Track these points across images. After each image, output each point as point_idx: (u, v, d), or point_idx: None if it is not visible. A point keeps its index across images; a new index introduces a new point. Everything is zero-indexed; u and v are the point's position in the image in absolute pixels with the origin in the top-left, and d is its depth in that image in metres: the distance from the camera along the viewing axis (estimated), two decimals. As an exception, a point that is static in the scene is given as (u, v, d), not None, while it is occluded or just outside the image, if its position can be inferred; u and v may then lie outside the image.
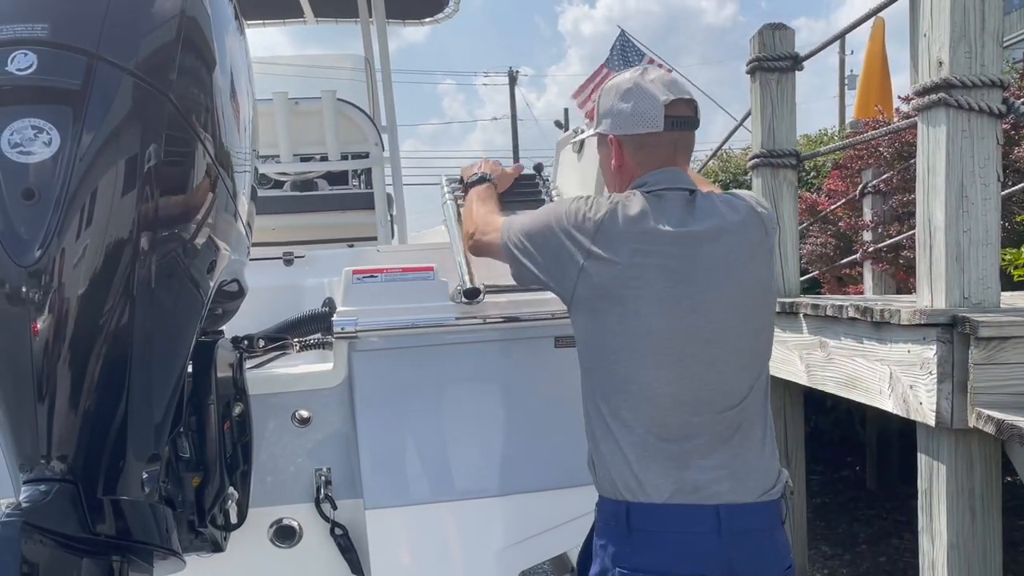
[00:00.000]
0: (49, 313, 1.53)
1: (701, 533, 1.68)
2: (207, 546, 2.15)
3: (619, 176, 1.91)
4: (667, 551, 1.68)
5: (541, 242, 1.84)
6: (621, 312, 1.72)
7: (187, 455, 2.04)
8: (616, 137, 1.86)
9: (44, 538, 1.40)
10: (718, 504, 1.68)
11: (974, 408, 2.35)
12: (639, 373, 1.72)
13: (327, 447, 2.33)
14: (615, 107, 1.85)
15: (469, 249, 2.18)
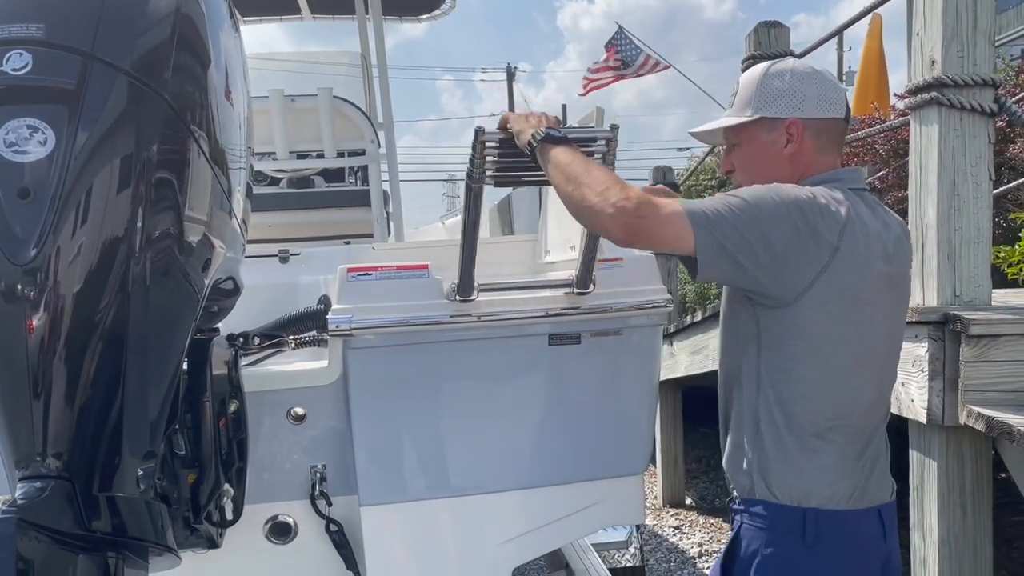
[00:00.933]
0: (44, 311, 1.54)
1: (872, 537, 1.66)
2: (203, 542, 2.16)
3: (790, 166, 1.72)
4: (847, 558, 1.63)
5: (771, 235, 1.55)
6: (857, 318, 1.62)
7: (183, 452, 2.05)
8: (801, 120, 1.70)
9: (40, 535, 1.41)
10: (879, 505, 1.68)
11: (965, 405, 2.37)
12: (859, 381, 1.67)
13: (322, 444, 2.34)
14: (795, 88, 1.70)
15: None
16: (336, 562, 2.36)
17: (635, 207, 1.55)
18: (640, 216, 1.54)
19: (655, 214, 1.54)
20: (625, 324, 2.45)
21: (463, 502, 2.34)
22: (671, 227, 1.55)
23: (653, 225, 1.55)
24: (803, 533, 1.59)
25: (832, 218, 1.57)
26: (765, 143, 1.73)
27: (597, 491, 2.41)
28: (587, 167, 1.66)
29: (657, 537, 5.27)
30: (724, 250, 1.55)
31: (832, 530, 1.60)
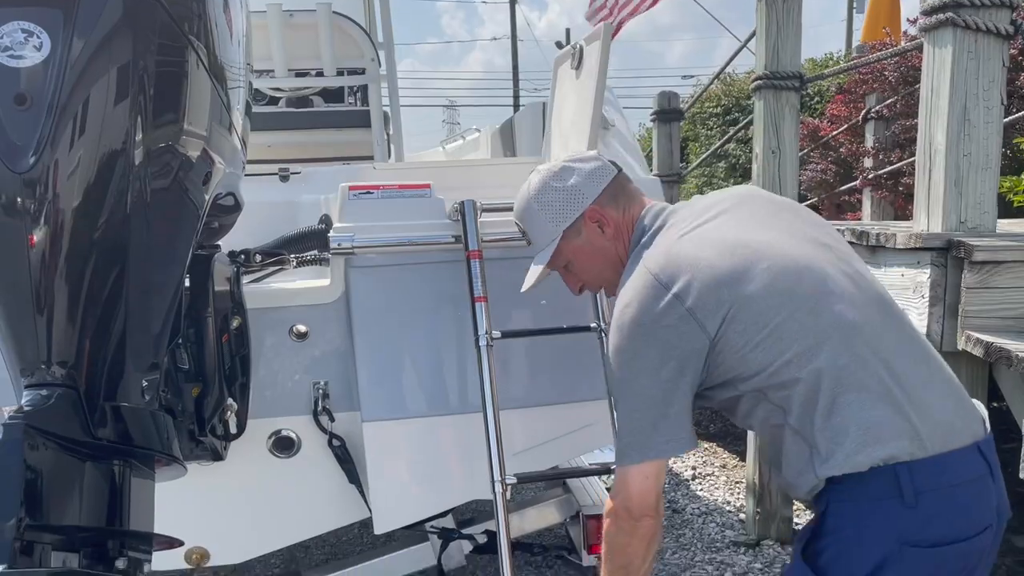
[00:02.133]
0: (45, 224, 1.53)
1: (979, 476, 1.46)
2: (207, 455, 2.20)
3: (615, 241, 1.75)
4: (956, 507, 1.43)
5: (673, 400, 1.55)
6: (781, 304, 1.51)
7: (186, 366, 2.07)
8: (592, 207, 1.74)
9: (47, 441, 1.43)
10: (977, 440, 1.48)
11: (964, 331, 2.38)
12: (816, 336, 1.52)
13: (324, 361, 2.36)
14: (565, 188, 1.75)
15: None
16: (339, 476, 2.41)
17: (627, 524, 1.64)
18: (630, 522, 1.63)
19: (630, 510, 1.62)
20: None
21: (463, 420, 2.37)
22: (633, 491, 1.60)
23: (631, 506, 1.61)
24: (900, 493, 1.41)
25: (671, 314, 1.52)
26: (585, 244, 1.78)
27: (595, 411, 2.44)
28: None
29: (652, 460, 5.38)
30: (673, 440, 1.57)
31: (931, 482, 1.41)
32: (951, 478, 1.43)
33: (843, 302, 1.51)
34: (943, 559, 1.43)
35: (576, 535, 2.98)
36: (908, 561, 1.42)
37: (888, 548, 1.42)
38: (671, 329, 1.51)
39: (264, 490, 2.43)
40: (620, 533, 1.63)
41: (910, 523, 1.42)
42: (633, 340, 1.55)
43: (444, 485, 2.43)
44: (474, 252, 2.21)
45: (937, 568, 1.44)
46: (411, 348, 2.33)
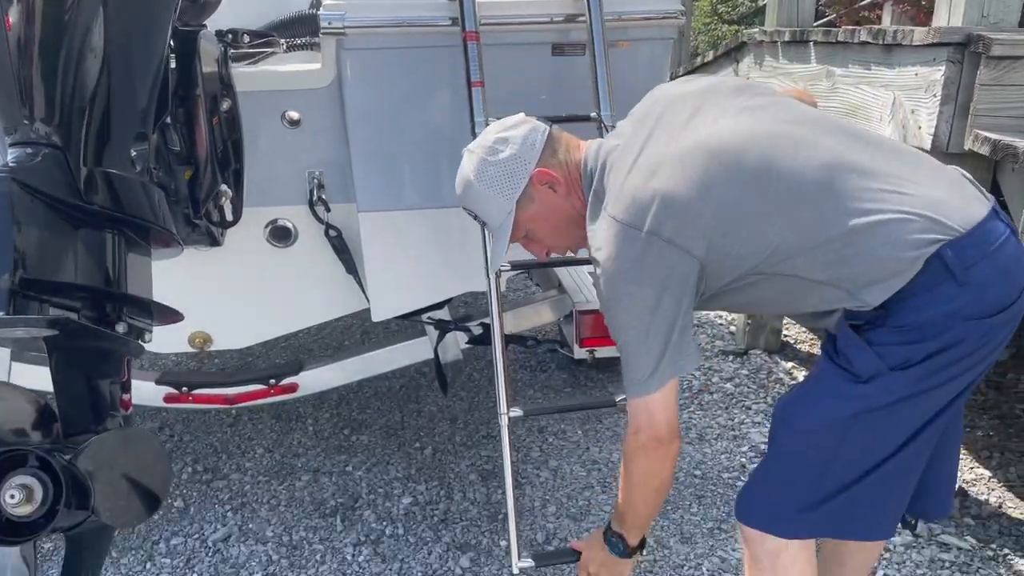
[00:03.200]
0: (18, 3, 1.46)
1: (1007, 237, 1.47)
2: (204, 239, 2.21)
3: (567, 195, 1.71)
4: (1002, 272, 1.45)
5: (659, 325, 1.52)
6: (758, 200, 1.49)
7: (177, 148, 2.03)
8: (535, 168, 1.69)
9: (35, 198, 1.42)
10: (992, 206, 1.49)
11: (972, 130, 2.32)
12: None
13: (319, 150, 2.32)
14: (502, 161, 1.71)
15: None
16: (336, 267, 2.43)
17: (652, 446, 1.62)
18: (656, 444, 1.61)
19: (653, 434, 1.60)
20: (633, 35, 2.33)
21: (459, 212, 2.35)
22: (655, 414, 1.59)
23: (657, 433, 1.60)
24: (951, 273, 1.41)
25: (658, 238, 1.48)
26: (540, 209, 1.73)
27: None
28: (629, 501, 1.74)
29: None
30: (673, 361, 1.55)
31: (975, 253, 1.42)
32: (988, 246, 1.44)
33: (808, 149, 1.48)
34: (997, 325, 1.46)
35: (569, 331, 3.05)
36: (972, 335, 1.45)
37: (954, 328, 1.43)
38: (657, 264, 1.50)
39: (263, 278, 2.46)
40: (654, 462, 1.63)
41: (968, 300, 1.43)
42: (624, 285, 1.53)
43: (440, 276, 2.45)
44: (471, 34, 2.11)
45: (992, 334, 1.47)
46: (407, 136, 2.28)
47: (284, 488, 2.97)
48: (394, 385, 3.78)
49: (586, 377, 3.88)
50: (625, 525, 1.77)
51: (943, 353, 1.45)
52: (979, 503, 2.81)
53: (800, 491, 1.59)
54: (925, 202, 1.44)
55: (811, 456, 1.57)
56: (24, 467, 1.32)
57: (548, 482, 2.99)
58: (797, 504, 1.59)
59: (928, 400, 1.51)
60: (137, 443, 1.47)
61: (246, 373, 2.75)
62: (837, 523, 1.60)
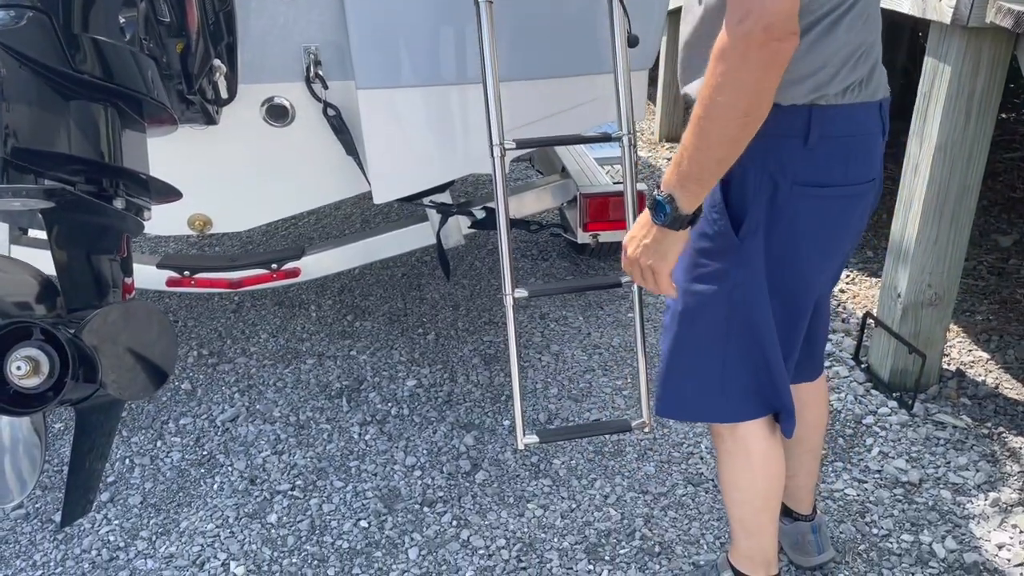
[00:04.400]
0: None
1: (874, 131, 1.49)
2: (200, 117, 2.15)
3: None
4: (852, 153, 1.47)
5: None
6: None
7: (167, 19, 1.94)
8: None
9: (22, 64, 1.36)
10: (881, 99, 1.49)
11: (995, 2, 2.23)
12: None
13: (315, 24, 2.22)
14: None
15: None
16: (336, 147, 2.37)
17: (759, 40, 1.21)
18: (764, 39, 1.20)
19: (764, 21, 1.20)
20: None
21: (462, 90, 2.29)
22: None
23: (773, 22, 1.20)
24: (805, 135, 1.41)
25: None
26: None
27: (598, 85, 2.36)
28: (699, 130, 1.29)
29: (651, 168, 5.37)
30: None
31: (836, 128, 1.43)
32: (852, 129, 1.45)
33: None
34: (828, 198, 1.48)
35: (572, 216, 3.02)
36: (797, 198, 1.46)
37: (782, 186, 1.45)
38: None
39: (261, 159, 2.40)
40: (756, 62, 1.22)
41: (804, 165, 1.44)
42: None
43: (442, 156, 2.40)
44: None
45: (822, 205, 1.48)
46: (406, 8, 2.18)
47: (290, 371, 3.01)
48: (396, 273, 3.78)
49: (587, 265, 3.88)
50: (682, 172, 1.33)
51: (773, 204, 1.49)
52: (975, 384, 2.85)
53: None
54: (876, 53, 1.50)
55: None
56: (29, 340, 1.31)
57: (550, 366, 3.02)
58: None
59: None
60: (140, 316, 1.46)
61: (248, 257, 2.73)
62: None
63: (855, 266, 3.81)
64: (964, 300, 3.40)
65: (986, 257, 3.77)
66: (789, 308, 1.60)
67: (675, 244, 1.42)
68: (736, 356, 1.61)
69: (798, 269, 1.56)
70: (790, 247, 1.52)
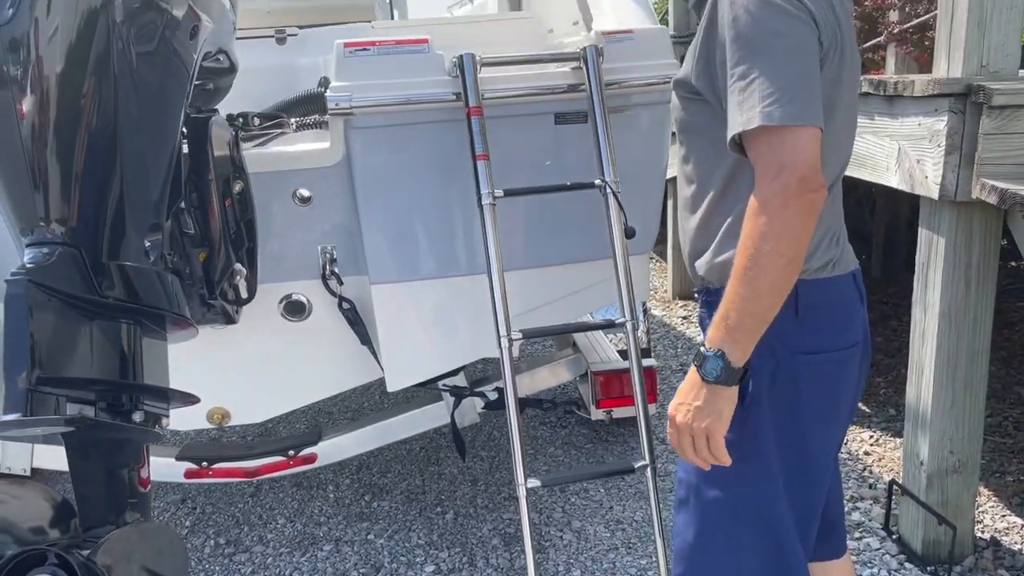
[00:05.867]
0: (32, 95, 1.51)
1: (853, 300, 1.58)
2: (220, 318, 2.24)
3: None
4: (835, 324, 1.54)
5: (805, 68, 1.36)
6: (845, 74, 1.47)
7: (191, 231, 2.07)
8: None
9: (52, 297, 1.45)
10: (853, 270, 1.59)
11: (979, 179, 2.32)
12: (846, 135, 1.57)
13: (330, 225, 2.36)
14: None
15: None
16: (351, 338, 2.45)
17: (796, 191, 1.31)
18: (800, 190, 1.31)
19: (799, 173, 1.31)
20: (634, 101, 2.37)
21: (470, 280, 2.39)
22: (802, 152, 1.32)
23: (806, 174, 1.31)
24: (795, 307, 1.46)
25: (805, 5, 1.37)
26: None
27: (603, 270, 2.44)
28: (746, 283, 1.36)
29: (665, 327, 5.43)
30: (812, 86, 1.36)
31: (821, 299, 1.51)
32: (834, 299, 1.54)
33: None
34: (823, 363, 1.54)
35: (585, 392, 3.05)
36: (795, 366, 1.51)
37: (781, 356, 1.50)
38: (800, 14, 1.36)
39: (279, 352, 2.48)
40: (796, 213, 1.30)
41: (797, 334, 1.50)
42: (768, 5, 1.35)
43: (453, 344, 2.47)
44: (474, 109, 2.15)
45: (818, 371, 1.54)
46: (415, 209, 2.32)
47: (306, 560, 2.96)
48: (414, 447, 3.77)
49: (607, 432, 3.85)
50: (730, 326, 1.36)
51: (776, 376, 1.53)
52: (1012, 553, 2.74)
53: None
54: (841, 231, 1.61)
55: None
56: (43, 566, 1.33)
57: (572, 544, 2.95)
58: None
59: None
60: (154, 536, 1.48)
61: (265, 445, 2.77)
62: None
63: (878, 426, 3.76)
64: (992, 460, 3.32)
65: (1010, 412, 3.71)
66: (801, 484, 1.59)
67: (729, 402, 1.41)
68: (751, 559, 1.58)
69: (805, 440, 1.57)
70: (794, 415, 1.54)
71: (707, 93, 1.48)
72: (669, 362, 4.75)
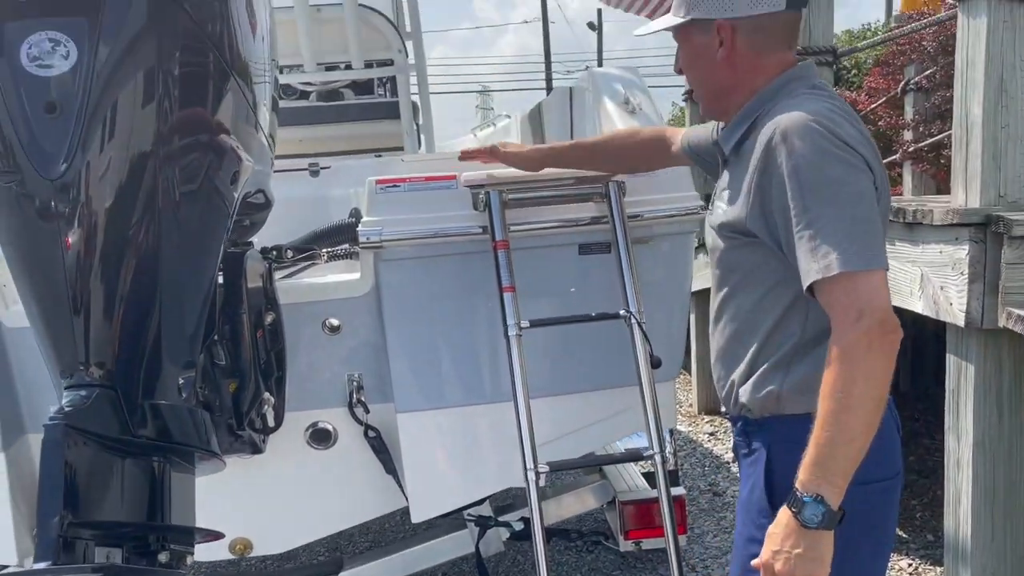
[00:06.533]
0: (79, 227, 1.57)
1: (893, 429, 1.59)
2: (247, 448, 2.25)
3: (730, 70, 1.59)
4: (890, 445, 1.56)
5: (868, 213, 1.43)
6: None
7: (223, 362, 2.11)
8: (731, 21, 1.56)
9: (87, 439, 1.47)
10: (890, 399, 1.55)
11: (1005, 308, 2.33)
12: None
13: (358, 354, 2.39)
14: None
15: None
16: (376, 467, 2.44)
17: (878, 333, 1.37)
18: (882, 332, 1.37)
19: (878, 316, 1.38)
20: (656, 232, 2.43)
21: (496, 408, 2.39)
22: (877, 295, 1.39)
23: (885, 317, 1.38)
24: None
25: (858, 152, 1.46)
26: (699, 46, 1.61)
27: (628, 397, 2.44)
28: (838, 429, 1.39)
29: (692, 443, 5.34)
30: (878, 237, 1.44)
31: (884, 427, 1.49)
32: (879, 430, 1.46)
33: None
34: (872, 493, 1.52)
35: (613, 521, 2.98)
36: (849, 499, 1.44)
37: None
38: (856, 160, 1.44)
39: (303, 481, 2.47)
40: (880, 357, 1.36)
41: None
42: (832, 167, 1.42)
43: (479, 473, 2.45)
44: (501, 242, 2.21)
45: (867, 500, 1.51)
46: (441, 339, 2.35)
47: None
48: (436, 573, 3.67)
49: (635, 558, 3.74)
50: (827, 469, 1.37)
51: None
52: None
53: None
54: None
55: None
56: None
57: None
58: None
59: None
60: None
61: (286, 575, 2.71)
62: None
63: (917, 553, 3.63)
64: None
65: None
66: None
67: (829, 545, 1.40)
68: None
69: (862, 571, 1.54)
70: (851, 547, 1.48)
71: (763, 236, 1.52)
72: (697, 482, 4.65)
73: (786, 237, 1.46)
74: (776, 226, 1.49)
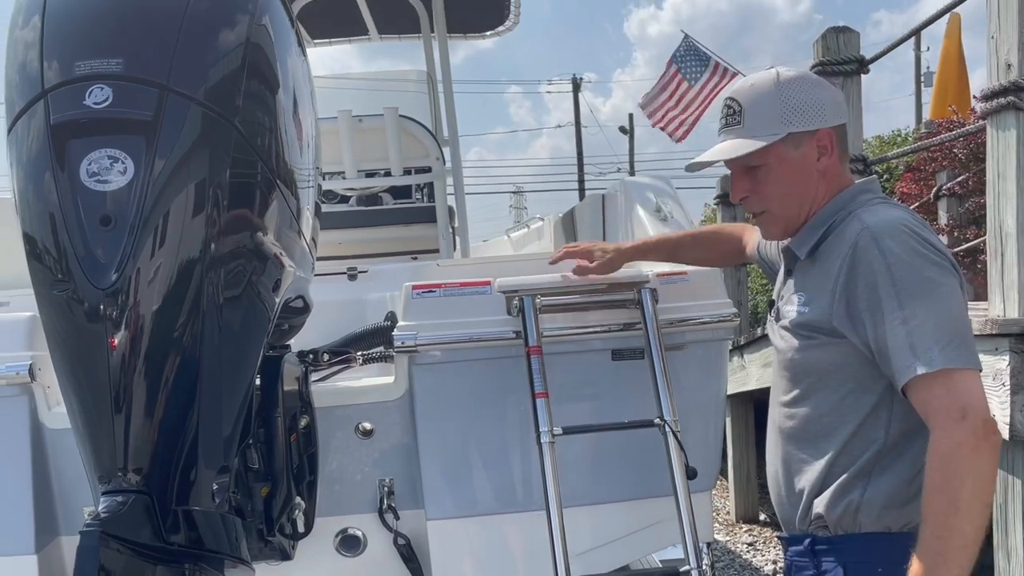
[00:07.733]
0: (125, 329, 1.61)
1: None
2: (276, 554, 2.22)
3: (823, 180, 1.63)
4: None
5: (962, 312, 1.50)
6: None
7: (256, 466, 2.11)
8: (827, 131, 1.61)
9: (121, 547, 1.48)
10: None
11: (1049, 422, 2.27)
12: None
13: (390, 458, 2.38)
14: (815, 98, 1.61)
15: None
16: (404, 575, 2.39)
17: (983, 433, 1.40)
18: (986, 432, 1.39)
19: (982, 415, 1.41)
20: (690, 338, 2.42)
21: (529, 517, 2.34)
22: (979, 395, 1.42)
23: (988, 417, 1.42)
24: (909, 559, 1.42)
25: (946, 256, 1.53)
26: (795, 160, 1.62)
27: (665, 508, 2.38)
28: (953, 531, 1.38)
29: (730, 554, 5.16)
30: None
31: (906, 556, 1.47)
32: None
33: None
34: None
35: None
36: None
37: None
38: (946, 264, 1.50)
39: (330, 589, 2.43)
40: (985, 458, 1.36)
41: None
42: (927, 269, 1.47)
43: (509, 583, 2.39)
44: (534, 348, 2.22)
45: None
46: (474, 444, 2.34)
47: None
48: None
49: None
50: (949, 568, 1.35)
51: None
52: None
53: None
54: None
55: None
56: None
57: None
58: None
59: None
60: None
61: None
62: None
63: None
64: None
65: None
66: None
67: None
68: None
69: None
70: None
71: (849, 335, 1.53)
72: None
73: (875, 336, 1.47)
74: (864, 325, 1.49)
